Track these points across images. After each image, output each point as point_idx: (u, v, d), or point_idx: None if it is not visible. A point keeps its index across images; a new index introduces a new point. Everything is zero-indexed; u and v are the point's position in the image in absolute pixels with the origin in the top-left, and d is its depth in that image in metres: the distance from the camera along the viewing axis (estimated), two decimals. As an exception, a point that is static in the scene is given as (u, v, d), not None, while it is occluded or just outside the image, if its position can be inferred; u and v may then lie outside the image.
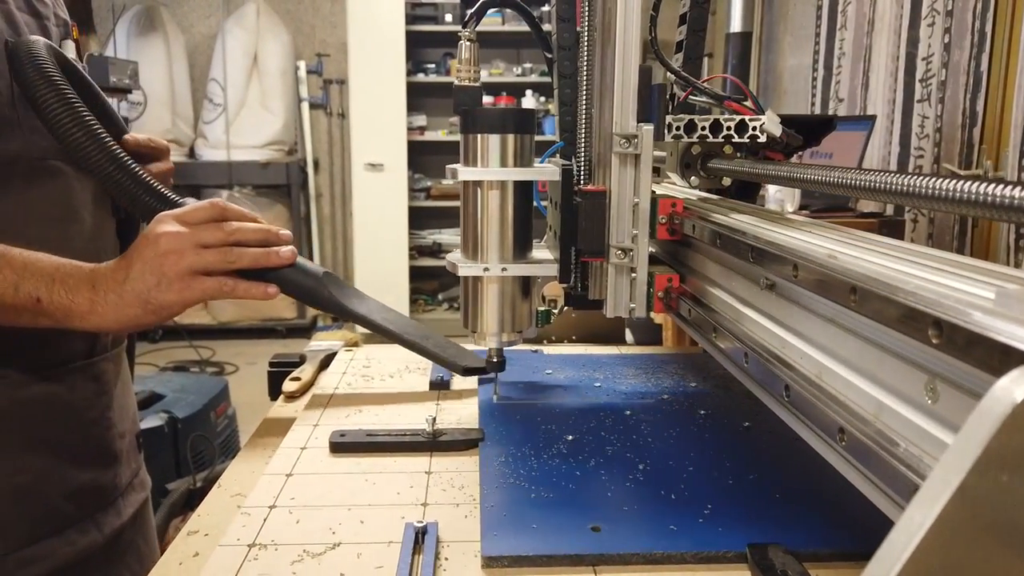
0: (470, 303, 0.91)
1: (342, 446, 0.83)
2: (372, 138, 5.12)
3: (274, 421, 0.97)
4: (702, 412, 0.93)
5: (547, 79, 5.52)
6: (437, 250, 5.56)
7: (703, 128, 0.87)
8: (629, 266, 0.81)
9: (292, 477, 0.77)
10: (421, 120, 5.55)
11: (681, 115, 0.87)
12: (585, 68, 0.84)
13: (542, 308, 0.97)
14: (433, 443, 0.83)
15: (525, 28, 5.45)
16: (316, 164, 5.66)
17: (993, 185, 0.41)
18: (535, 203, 0.95)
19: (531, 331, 0.95)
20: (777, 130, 0.88)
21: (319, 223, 5.61)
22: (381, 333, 0.94)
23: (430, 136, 5.56)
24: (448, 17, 5.34)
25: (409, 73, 5.27)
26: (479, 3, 0.89)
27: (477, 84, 0.88)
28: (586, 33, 0.83)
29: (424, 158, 5.75)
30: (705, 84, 0.93)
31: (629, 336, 1.32)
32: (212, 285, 0.83)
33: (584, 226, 0.81)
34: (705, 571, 0.61)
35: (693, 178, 0.96)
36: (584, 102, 0.85)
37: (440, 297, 5.78)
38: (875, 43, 1.67)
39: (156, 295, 0.81)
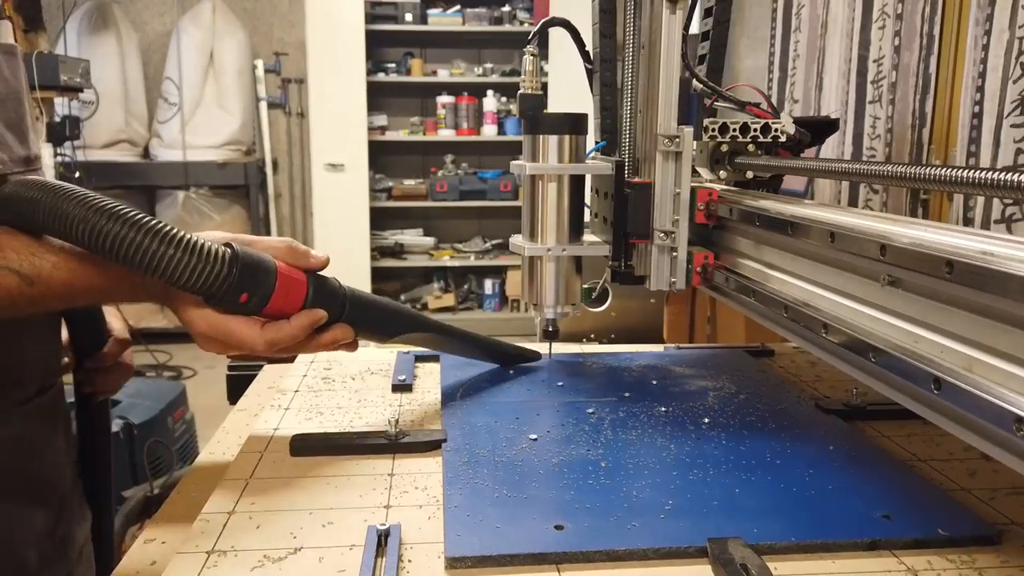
0: (530, 280, 1.04)
1: (303, 449, 0.82)
2: (332, 138, 5.07)
3: (234, 424, 0.96)
4: (663, 410, 0.94)
5: (508, 79, 5.53)
6: (399, 251, 5.53)
7: (734, 130, 1.05)
8: (670, 247, 0.96)
9: (252, 481, 0.76)
10: (382, 120, 5.52)
11: (715, 119, 1.05)
12: (630, 79, 1.00)
13: (584, 287, 1.09)
14: (396, 445, 0.83)
15: (486, 28, 5.41)
16: (275, 164, 5.58)
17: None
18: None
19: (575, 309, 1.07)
20: (792, 130, 1.06)
21: (278, 224, 5.54)
22: (459, 342, 1.05)
23: (391, 136, 5.52)
24: (408, 16, 5.32)
25: (369, 72, 5.23)
26: (540, 23, 1.04)
27: (540, 92, 1.02)
28: (631, 49, 0.99)
29: (385, 158, 5.71)
30: (729, 91, 1.08)
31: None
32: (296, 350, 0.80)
33: (633, 213, 0.96)
34: (667, 566, 0.62)
35: (721, 172, 1.09)
36: (628, 108, 1.01)
37: (402, 298, 5.75)
38: (828, 45, 1.71)
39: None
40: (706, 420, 0.90)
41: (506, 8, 5.50)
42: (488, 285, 5.79)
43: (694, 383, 1.04)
